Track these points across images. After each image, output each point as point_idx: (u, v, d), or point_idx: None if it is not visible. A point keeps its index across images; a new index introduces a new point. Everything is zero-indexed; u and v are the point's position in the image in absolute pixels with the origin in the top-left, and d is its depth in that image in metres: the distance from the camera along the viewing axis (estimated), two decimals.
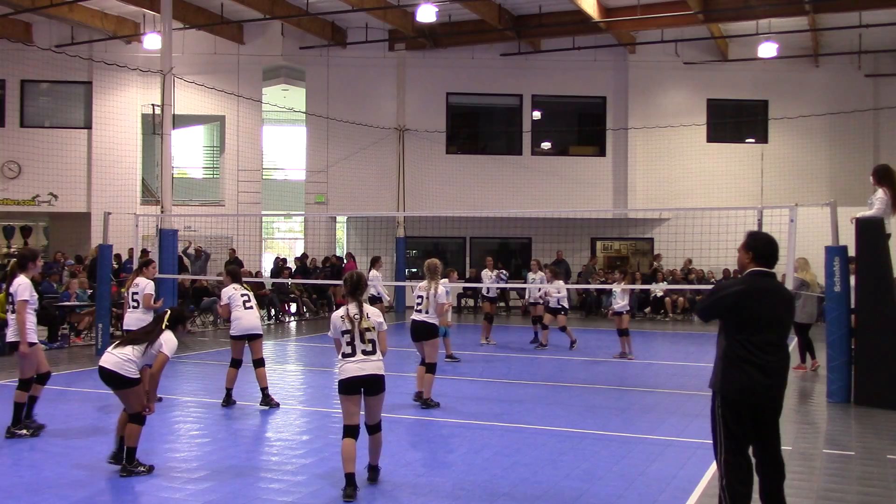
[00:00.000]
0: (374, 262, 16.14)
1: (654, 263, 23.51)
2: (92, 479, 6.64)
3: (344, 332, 6.33)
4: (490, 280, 17.11)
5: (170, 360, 6.93)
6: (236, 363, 9.83)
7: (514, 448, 7.74)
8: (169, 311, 7.21)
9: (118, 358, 6.74)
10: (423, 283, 9.91)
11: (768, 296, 4.97)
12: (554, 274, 15.46)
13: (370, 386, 6.30)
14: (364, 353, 6.28)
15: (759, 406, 4.89)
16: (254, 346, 9.78)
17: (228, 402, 9.75)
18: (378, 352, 6.36)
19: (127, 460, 6.74)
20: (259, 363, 9.75)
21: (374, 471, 6.65)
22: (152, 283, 10.34)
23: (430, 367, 9.68)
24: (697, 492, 6.40)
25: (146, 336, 6.92)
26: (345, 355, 6.31)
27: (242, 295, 9.86)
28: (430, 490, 6.32)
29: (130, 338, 7.06)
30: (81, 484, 6.55)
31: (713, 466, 7.12)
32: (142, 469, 6.74)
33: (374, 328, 6.34)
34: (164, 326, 6.95)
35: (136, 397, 6.77)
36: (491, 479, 6.69)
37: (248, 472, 6.87)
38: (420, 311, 9.75)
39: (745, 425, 4.88)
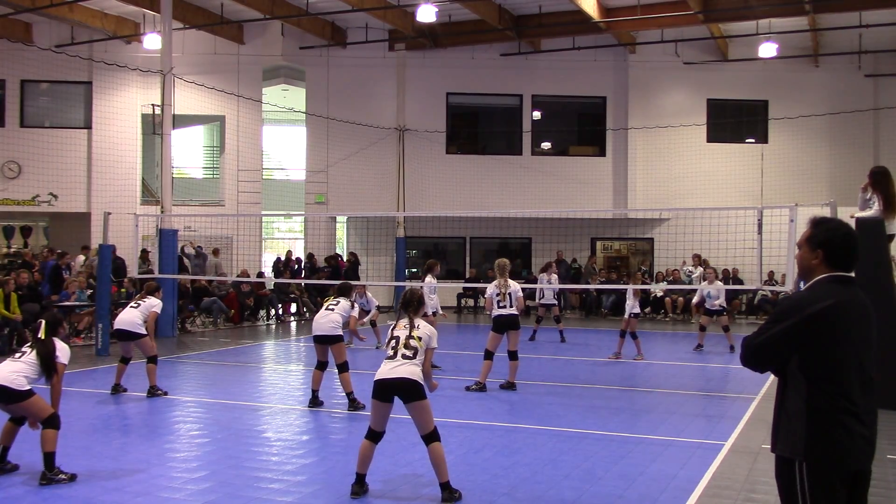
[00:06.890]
0: (430, 269, 13.22)
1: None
2: (91, 480, 6.64)
3: (390, 339, 6.32)
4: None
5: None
6: (318, 365, 9.80)
7: (514, 448, 7.74)
8: (43, 322, 7.00)
9: (8, 372, 6.54)
10: (497, 282, 10.90)
11: (860, 313, 3.47)
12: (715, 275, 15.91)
13: (403, 392, 6.06)
14: (403, 357, 6.17)
15: (859, 473, 3.48)
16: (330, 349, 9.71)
17: (315, 403, 9.72)
18: (417, 358, 6.19)
19: (47, 467, 6.45)
20: (339, 368, 9.58)
21: (443, 489, 6.07)
22: (160, 304, 10.81)
23: (513, 355, 10.93)
24: (697, 492, 6.39)
25: (42, 348, 6.75)
26: (386, 358, 6.28)
27: (334, 299, 9.96)
28: (431, 490, 6.31)
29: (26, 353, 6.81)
30: (81, 484, 6.54)
31: (713, 466, 7.14)
32: (63, 476, 6.48)
33: (419, 339, 6.25)
34: (43, 336, 6.81)
35: (37, 406, 6.56)
36: (491, 479, 6.69)
37: (248, 472, 6.86)
38: (504, 306, 10.77)
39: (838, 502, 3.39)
